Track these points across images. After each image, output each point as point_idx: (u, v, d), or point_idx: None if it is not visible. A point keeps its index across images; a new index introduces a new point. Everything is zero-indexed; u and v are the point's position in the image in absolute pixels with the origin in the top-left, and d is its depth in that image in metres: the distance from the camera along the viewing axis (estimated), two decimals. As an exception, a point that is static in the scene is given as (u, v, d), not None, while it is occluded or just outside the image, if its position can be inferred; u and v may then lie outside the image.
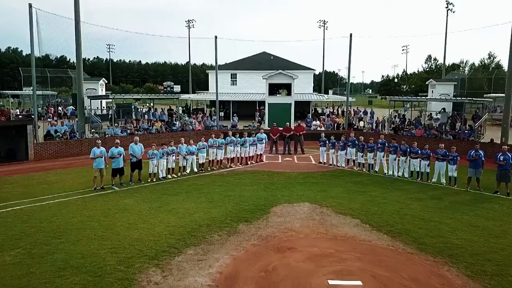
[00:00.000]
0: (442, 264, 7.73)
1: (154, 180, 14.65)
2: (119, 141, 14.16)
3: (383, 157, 16.45)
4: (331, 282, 6.75)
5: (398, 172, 15.74)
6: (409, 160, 15.37)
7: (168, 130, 25.66)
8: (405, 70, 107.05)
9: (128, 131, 23.96)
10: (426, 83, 62.99)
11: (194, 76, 79.91)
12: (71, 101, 47.10)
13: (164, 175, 15.10)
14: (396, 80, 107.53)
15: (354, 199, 12.42)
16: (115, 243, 8.60)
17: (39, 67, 24.62)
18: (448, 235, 9.27)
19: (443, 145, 14.86)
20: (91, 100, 28.68)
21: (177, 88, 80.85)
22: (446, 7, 62.58)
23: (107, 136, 21.99)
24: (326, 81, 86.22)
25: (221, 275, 7.12)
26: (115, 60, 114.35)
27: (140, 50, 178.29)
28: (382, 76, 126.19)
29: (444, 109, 30.59)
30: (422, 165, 14.95)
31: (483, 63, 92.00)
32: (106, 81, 55.67)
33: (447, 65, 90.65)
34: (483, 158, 13.62)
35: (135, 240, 8.81)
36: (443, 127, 26.03)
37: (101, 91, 43.48)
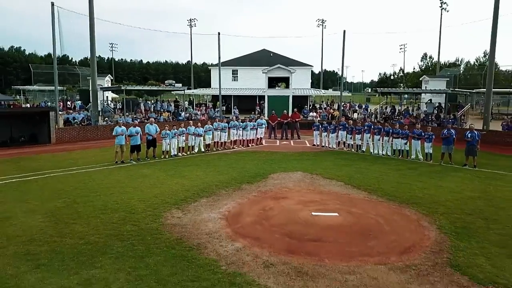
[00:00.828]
0: (404, 207, 9.61)
1: (167, 157, 16.53)
2: (137, 122, 16.03)
3: (369, 138, 18.32)
4: (314, 213, 8.63)
5: (382, 151, 17.62)
6: (392, 140, 17.23)
7: (175, 119, 27.53)
8: (401, 68, 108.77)
9: (138, 120, 25.82)
10: (420, 79, 64.98)
11: (195, 75, 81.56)
12: (77, 96, 48.93)
13: (176, 153, 16.98)
14: (392, 77, 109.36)
15: (341, 169, 14.30)
16: (142, 196, 10.46)
17: (48, 64, 26.41)
18: (415, 192, 11.14)
19: (419, 125, 16.76)
20: (104, 92, 30.49)
21: (178, 86, 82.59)
22: (440, 6, 64.44)
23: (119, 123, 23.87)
24: (326, 80, 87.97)
25: (229, 213, 9.00)
26: (116, 59, 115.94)
27: (141, 49, 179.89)
28: (379, 74, 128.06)
29: (430, 100, 32.49)
30: (402, 144, 16.84)
31: (478, 61, 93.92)
32: (112, 78, 57.45)
33: (443, 63, 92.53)
34: (454, 136, 15.47)
35: (157, 194, 10.67)
36: (430, 117, 27.93)
37: (100, 88, 45.20)
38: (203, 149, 18.24)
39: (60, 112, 34.02)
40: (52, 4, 21.03)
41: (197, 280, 5.79)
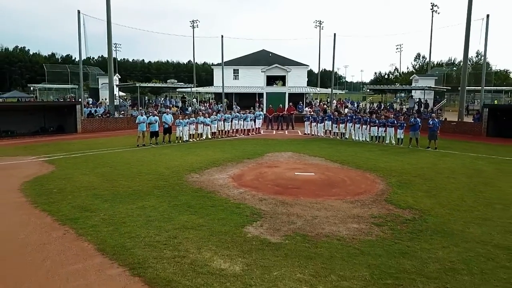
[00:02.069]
0: (366, 172, 12.49)
1: (180, 142, 19.43)
2: (156, 112, 18.92)
3: (351, 127, 21.21)
4: (296, 173, 11.54)
5: (362, 137, 20.51)
6: (369, 128, 20.12)
7: (182, 113, 30.42)
8: (396, 68, 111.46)
9: (150, 113, 28.73)
10: (410, 78, 67.79)
11: (196, 74, 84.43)
12: (86, 94, 51.70)
13: (187, 138, 19.89)
14: (387, 77, 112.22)
15: (324, 150, 17.20)
16: (166, 166, 13.33)
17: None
18: (379, 164, 14.01)
19: (392, 115, 19.63)
20: (119, 89, 33.39)
21: (180, 84, 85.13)
22: (431, 9, 67.26)
23: (133, 115, 26.81)
24: (325, 79, 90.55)
25: (234, 174, 11.89)
26: (119, 59, 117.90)
27: (143, 49, 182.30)
28: (375, 73, 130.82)
29: (411, 96, 35.37)
30: (380, 131, 19.74)
31: (471, 61, 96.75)
32: (120, 77, 60.25)
33: (436, 62, 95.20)
34: (419, 124, 18.36)
35: (177, 165, 13.55)
36: (411, 111, 30.82)
37: (116, 85, 48.00)
38: (210, 136, 21.15)
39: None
40: (79, 12, 23.91)
41: (215, 206, 8.67)
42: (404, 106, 33.81)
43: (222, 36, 33.64)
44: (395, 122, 19.11)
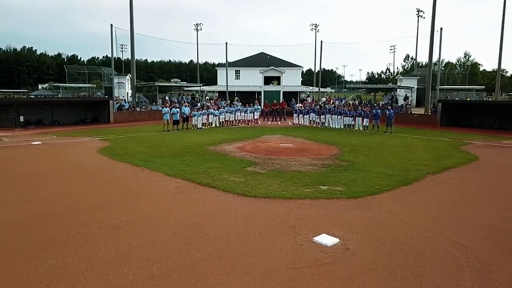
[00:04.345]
0: (330, 145, 17.43)
1: (195, 128, 24.38)
2: (177, 105, 23.89)
3: (330, 117, 26.14)
4: (280, 144, 16.54)
5: (337, 125, 25.46)
6: (343, 118, 25.05)
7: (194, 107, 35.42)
8: (388, 68, 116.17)
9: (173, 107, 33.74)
10: (396, 77, 72.75)
11: (197, 74, 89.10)
12: (98, 93, 56.26)
13: (200, 126, 24.84)
14: (379, 77, 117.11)
15: (305, 133, 22.15)
16: (190, 142, 18.25)
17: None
18: (342, 141, 18.92)
19: (360, 107, 24.55)
20: (138, 87, 38.26)
21: (183, 83, 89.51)
22: (417, 14, 72.05)
23: (153, 109, 31.79)
24: (325, 78, 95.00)
25: (238, 146, 16.85)
26: (123, 59, 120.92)
27: (145, 49, 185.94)
28: (367, 73, 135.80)
29: (386, 93, 40.31)
30: (350, 120, 24.69)
31: (459, 61, 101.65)
32: (131, 76, 65.04)
33: (424, 63, 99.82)
34: (379, 114, 23.29)
35: (198, 142, 18.45)
36: (385, 105, 35.71)
37: (128, 84, 52.80)
38: (218, 125, 26.10)
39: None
40: (111, 25, 28.79)
41: (228, 160, 13.61)
42: (381, 102, 38.70)
43: (226, 43, 38.62)
44: (362, 113, 24.06)
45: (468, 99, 57.61)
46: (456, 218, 7.57)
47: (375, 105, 31.41)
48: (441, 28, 33.73)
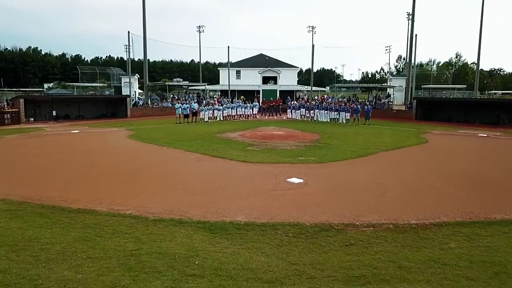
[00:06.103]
0: (314, 134, 21.04)
1: (202, 122, 28.02)
2: (185, 101, 27.50)
3: (318, 112, 29.76)
4: (274, 132, 20.22)
5: (324, 119, 29.09)
6: (329, 112, 28.67)
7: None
8: (382, 68, 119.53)
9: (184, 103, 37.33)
10: (386, 77, 76.38)
11: (199, 73, 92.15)
12: (107, 92, 59.43)
13: (207, 120, 28.47)
14: (373, 77, 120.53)
15: (295, 125, 25.77)
16: (200, 131, 21.85)
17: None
18: (324, 131, 22.51)
19: (343, 103, 28.17)
20: (149, 86, 41.85)
21: (185, 82, 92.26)
22: (407, 17, 75.37)
23: (164, 106, 35.42)
24: (325, 77, 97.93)
25: (240, 134, 20.48)
26: (125, 59, 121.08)
27: (148, 49, 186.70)
28: (362, 73, 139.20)
29: (370, 91, 43.92)
30: (335, 114, 28.32)
31: (451, 61, 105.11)
32: (138, 76, 68.51)
33: (416, 63, 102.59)
34: (359, 108, 26.89)
35: (206, 131, 22.06)
36: (370, 102, 39.34)
37: (136, 84, 56.07)
38: (221, 119, 29.73)
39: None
40: (128, 32, 32.36)
41: (232, 143, 17.23)
42: (366, 100, 42.32)
43: (228, 47, 42.18)
44: (345, 108, 27.68)
45: (451, 96, 61.32)
46: (385, 172, 11.23)
47: (355, 101, 35.08)
48: (416, 35, 37.48)
